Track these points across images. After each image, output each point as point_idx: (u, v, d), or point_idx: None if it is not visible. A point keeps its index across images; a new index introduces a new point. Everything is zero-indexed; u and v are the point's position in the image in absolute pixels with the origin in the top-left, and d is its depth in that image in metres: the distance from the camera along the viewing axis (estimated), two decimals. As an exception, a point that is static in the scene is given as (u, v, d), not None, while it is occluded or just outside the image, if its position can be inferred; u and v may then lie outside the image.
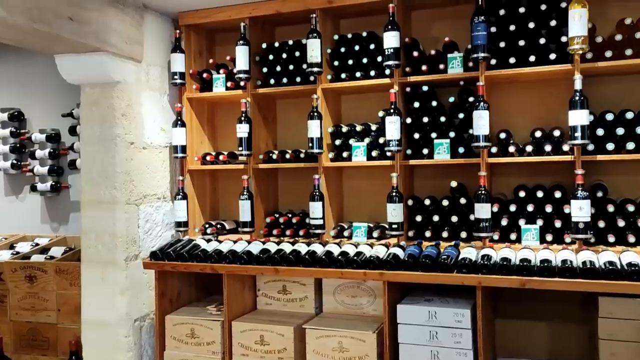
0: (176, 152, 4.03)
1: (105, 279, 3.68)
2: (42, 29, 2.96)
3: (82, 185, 3.76)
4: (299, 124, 4.17)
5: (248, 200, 3.86)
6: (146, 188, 3.90)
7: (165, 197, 4.12)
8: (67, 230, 5.08)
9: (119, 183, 3.68)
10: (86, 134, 3.74)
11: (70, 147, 4.92)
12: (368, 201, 4.01)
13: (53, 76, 5.03)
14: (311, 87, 3.77)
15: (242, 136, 3.86)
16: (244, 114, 3.87)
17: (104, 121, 3.68)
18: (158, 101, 4.07)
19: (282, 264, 3.42)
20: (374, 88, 3.78)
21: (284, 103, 4.30)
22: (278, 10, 3.82)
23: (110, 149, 3.67)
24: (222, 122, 4.48)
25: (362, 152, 3.65)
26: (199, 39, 4.30)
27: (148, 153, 3.94)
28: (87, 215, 3.74)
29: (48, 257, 4.44)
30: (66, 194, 5.09)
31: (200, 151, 4.25)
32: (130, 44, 3.71)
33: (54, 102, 5.12)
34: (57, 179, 5.05)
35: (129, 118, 3.73)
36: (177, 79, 4.03)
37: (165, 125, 4.12)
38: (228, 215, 4.44)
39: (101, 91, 3.68)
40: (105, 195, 3.69)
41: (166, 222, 4.12)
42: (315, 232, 3.67)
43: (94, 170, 3.70)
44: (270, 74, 3.93)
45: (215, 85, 4.07)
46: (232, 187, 4.39)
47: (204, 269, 3.61)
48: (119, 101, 3.67)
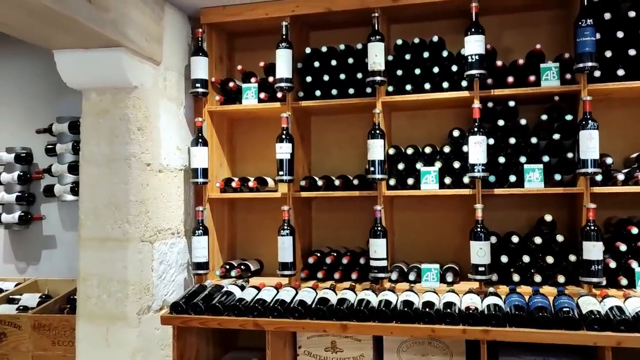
0: (196, 176, 3.27)
1: (112, 338, 2.84)
2: (57, 9, 2.20)
3: (81, 219, 2.93)
4: (336, 144, 3.57)
5: (290, 236, 3.14)
6: (161, 221, 3.12)
7: (179, 231, 3.33)
8: (37, 272, 4.14)
9: (132, 215, 2.88)
10: (89, 152, 2.93)
11: (46, 169, 4.03)
12: (425, 237, 3.40)
13: (24, 84, 4.22)
14: (369, 100, 3.15)
15: (284, 158, 3.16)
16: (285, 131, 3.19)
17: (114, 136, 2.89)
18: (175, 114, 3.31)
19: (350, 318, 2.72)
20: (439, 103, 3.22)
21: (319, 120, 3.64)
22: (329, 7, 3.20)
23: (122, 172, 2.88)
24: (243, 141, 3.76)
25: (434, 179, 3.04)
26: (220, 42, 3.60)
27: (164, 177, 3.16)
28: (88, 257, 2.91)
29: (20, 308, 3.51)
30: (37, 227, 4.17)
31: (218, 176, 3.51)
32: (149, 41, 2.97)
33: (24, 115, 4.23)
34: (28, 208, 4.12)
35: (145, 133, 2.97)
36: (199, 88, 3.30)
37: (181, 144, 3.37)
38: (246, 253, 3.70)
39: (112, 98, 2.91)
40: (115, 230, 2.88)
41: (180, 263, 3.33)
42: (377, 275, 3.01)
43: (100, 199, 2.89)
44: (315, 84, 3.27)
45: (245, 96, 3.37)
46: (253, 219, 3.69)
47: (244, 325, 2.84)
48: (135, 111, 2.90)
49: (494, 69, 3.03)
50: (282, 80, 3.17)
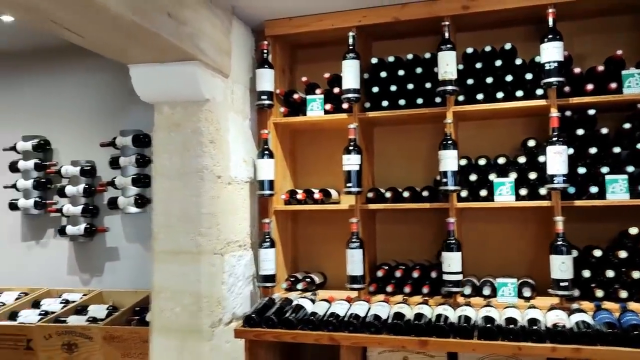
0: (262, 188, 3.26)
1: (186, 352, 2.84)
2: (142, 23, 2.22)
3: (154, 231, 2.95)
4: (400, 155, 3.52)
5: (359, 249, 3.09)
6: (229, 233, 3.11)
7: (245, 244, 3.32)
8: (101, 284, 4.19)
9: (204, 228, 2.88)
10: (161, 165, 2.95)
11: (110, 182, 4.08)
12: (495, 250, 3.30)
13: (86, 100, 4.31)
14: (438, 110, 3.09)
15: (352, 169, 3.12)
16: (352, 143, 3.15)
17: (186, 150, 2.90)
18: (241, 126, 3.32)
19: (429, 333, 2.65)
20: (509, 113, 3.13)
21: (382, 131, 3.59)
22: (396, 17, 3.16)
23: (194, 185, 2.89)
24: (304, 153, 3.74)
25: (509, 190, 2.95)
26: (283, 54, 3.59)
27: (232, 189, 3.16)
28: (162, 269, 2.91)
29: (90, 320, 3.55)
30: (101, 239, 4.22)
31: (282, 188, 3.49)
32: (220, 54, 2.98)
33: (87, 130, 4.30)
34: (92, 220, 4.18)
35: (217, 146, 2.97)
36: (265, 100, 3.30)
37: (246, 156, 3.36)
38: (309, 266, 3.67)
39: (184, 112, 2.92)
40: (187, 243, 2.88)
41: (246, 276, 3.32)
42: (451, 290, 2.92)
43: (173, 211, 2.90)
44: (382, 95, 3.22)
45: (310, 107, 3.35)
46: (315, 231, 3.66)
47: (319, 340, 2.80)
48: (207, 125, 2.91)
49: (571, 76, 2.93)
50: (350, 91, 3.14)
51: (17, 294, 4.09)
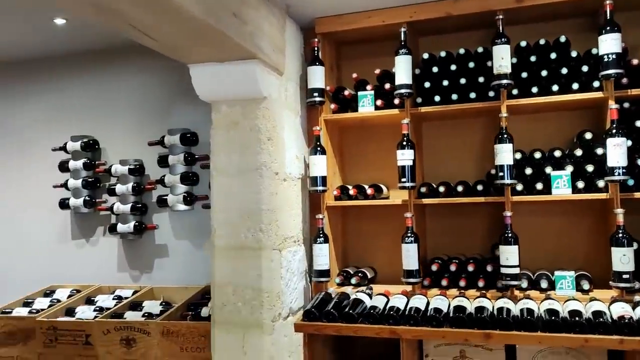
0: (315, 184, 3.29)
1: (248, 345, 2.89)
2: (211, 22, 2.26)
3: (214, 228, 3.00)
4: (449, 150, 3.53)
5: (414, 243, 3.12)
6: (286, 229, 3.15)
7: (299, 239, 3.36)
8: (150, 280, 4.26)
9: (265, 224, 2.93)
10: (220, 163, 3.00)
11: (159, 180, 4.15)
12: (548, 243, 3.30)
13: (134, 100, 4.38)
14: (492, 104, 3.10)
15: (406, 164, 3.14)
16: (406, 138, 3.17)
17: (245, 147, 2.95)
18: (293, 123, 3.35)
19: (493, 326, 2.66)
20: (563, 105, 3.12)
21: (431, 126, 3.60)
22: (449, 12, 3.17)
23: (253, 182, 2.93)
24: (351, 149, 3.76)
25: (565, 183, 2.95)
26: (331, 52, 3.62)
27: (287, 186, 3.20)
28: (223, 265, 2.96)
29: (146, 315, 3.62)
30: (150, 236, 4.30)
31: (333, 184, 3.52)
32: (276, 52, 3.02)
33: (134, 129, 4.38)
34: (141, 218, 4.26)
35: (274, 143, 3.01)
36: (317, 97, 3.33)
37: (298, 153, 3.40)
38: (358, 260, 3.70)
39: (242, 110, 2.97)
40: (248, 239, 2.93)
41: (300, 271, 3.36)
42: (509, 283, 2.93)
43: (233, 208, 2.95)
44: (434, 90, 3.24)
45: (361, 104, 3.38)
46: (364, 226, 3.69)
47: (380, 333, 2.83)
48: (264, 122, 2.95)
49: (629, 67, 2.92)
50: (403, 87, 3.16)
51: (70, 291, 4.19)
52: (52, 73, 4.60)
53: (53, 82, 4.59)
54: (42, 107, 4.62)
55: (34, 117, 4.63)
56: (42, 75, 4.62)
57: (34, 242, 4.55)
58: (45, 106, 4.61)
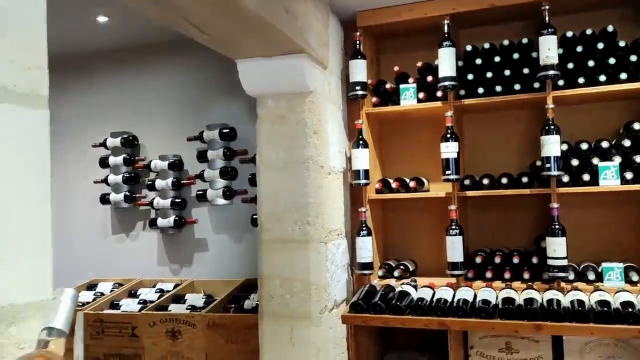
0: (358, 177, 3.31)
1: (296, 337, 2.92)
2: (267, 17, 2.29)
3: (261, 221, 3.03)
4: (490, 142, 3.52)
5: (459, 235, 3.12)
6: (330, 222, 3.18)
7: (342, 232, 3.39)
8: (190, 274, 4.33)
9: (312, 217, 2.95)
10: (267, 157, 3.03)
11: (198, 175, 4.21)
12: (591, 234, 3.28)
13: (172, 96, 4.44)
14: (537, 95, 3.08)
15: (450, 157, 3.15)
16: (450, 130, 3.17)
17: (292, 141, 2.98)
18: (336, 117, 3.37)
19: (543, 318, 2.66)
20: (610, 96, 3.10)
21: (472, 119, 3.59)
22: (492, 3, 3.15)
23: (300, 175, 2.96)
24: (391, 142, 3.77)
25: (614, 174, 2.93)
26: (371, 45, 3.63)
27: (331, 179, 3.22)
28: (270, 258, 3.00)
29: (189, 308, 3.68)
30: (189, 230, 4.36)
31: (373, 177, 3.53)
32: (321, 46, 3.04)
33: (173, 125, 4.43)
34: (180, 212, 4.32)
35: (320, 137, 3.04)
36: (359, 90, 3.35)
37: (340, 146, 3.42)
38: (397, 253, 3.71)
39: (288, 104, 2.99)
40: (296, 232, 2.96)
41: (343, 264, 3.38)
42: (556, 275, 2.92)
43: (280, 201, 2.98)
44: (477, 82, 3.23)
45: (403, 96, 3.38)
46: (403, 220, 3.69)
47: (428, 325, 2.85)
48: (310, 116, 2.98)
49: (677, 56, 2.89)
50: (446, 79, 3.16)
51: (112, 285, 4.27)
52: (92, 70, 4.68)
53: (94, 79, 4.67)
54: (83, 103, 4.70)
55: (75, 113, 4.71)
56: (83, 72, 4.70)
57: (76, 236, 4.64)
58: (85, 102, 4.69)
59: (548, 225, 2.97)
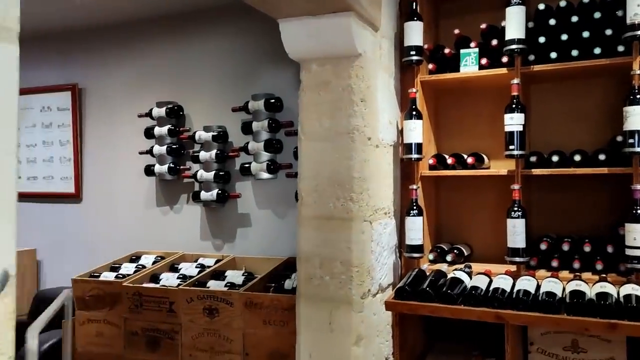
0: (410, 151, 3.01)
1: (335, 322, 2.69)
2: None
3: (302, 196, 2.80)
4: (559, 116, 3.15)
5: (522, 219, 2.78)
6: (377, 200, 2.90)
7: (389, 211, 3.11)
8: (232, 249, 4.18)
9: (356, 193, 2.69)
10: (309, 126, 2.79)
11: (242, 147, 4.02)
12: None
13: (217, 65, 4.26)
14: (621, 60, 2.67)
15: (515, 129, 2.80)
16: (515, 100, 2.81)
17: (337, 109, 2.71)
18: (387, 85, 3.08)
19: (620, 316, 2.31)
20: None
21: (540, 89, 3.20)
22: (571, -45, 2.75)
23: (345, 147, 2.70)
24: (447, 114, 3.44)
25: None
26: (429, 7, 3.29)
27: (379, 153, 2.94)
28: (310, 236, 2.77)
29: (228, 285, 3.53)
30: (232, 205, 4.20)
31: (427, 152, 3.22)
32: (372, 4, 2.74)
33: (218, 95, 4.26)
34: (224, 186, 4.16)
35: (368, 105, 2.75)
36: (414, 56, 3.03)
37: (392, 117, 3.12)
38: (452, 236, 3.40)
39: (333, 69, 2.73)
40: (337, 209, 2.71)
41: (390, 245, 3.11)
42: (635, 266, 2.54)
43: (322, 175, 2.74)
44: (550, 45, 2.84)
45: (463, 62, 3.04)
46: (459, 199, 3.38)
47: (483, 317, 2.55)
48: (358, 82, 2.70)
49: None
50: (514, 42, 2.80)
51: (154, 257, 4.18)
52: (137, 38, 4.56)
53: (139, 47, 4.56)
54: (129, 72, 4.61)
55: (121, 81, 4.63)
56: (128, 40, 4.60)
57: (121, 207, 4.59)
58: (131, 71, 4.60)
59: (628, 209, 2.59)
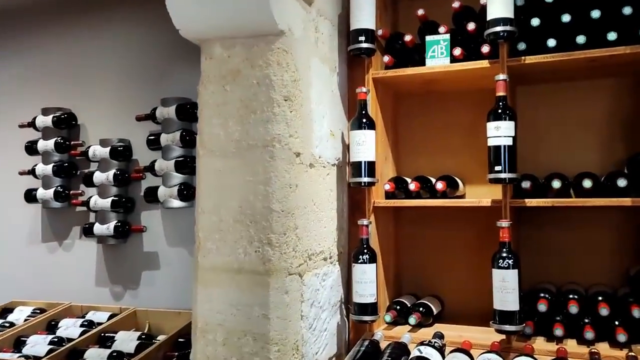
0: (358, 173, 2.18)
1: None
2: None
3: (198, 237, 1.92)
4: (555, 126, 2.43)
5: (513, 269, 1.97)
6: (312, 241, 2.05)
7: (331, 255, 2.26)
8: (135, 299, 3.26)
9: (276, 234, 1.83)
10: (210, 137, 1.93)
11: (148, 167, 3.13)
12: None
13: (119, 63, 3.38)
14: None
15: (502, 143, 2.00)
16: (502, 103, 2.03)
17: (250, 111, 1.86)
18: (327, 81, 2.25)
19: None
20: None
21: (528, 92, 2.44)
22: None
23: (261, 166, 1.84)
24: (410, 125, 2.65)
25: None
26: (384, -17, 2.50)
27: (315, 175, 2.10)
28: (209, 296, 1.88)
29: (114, 355, 2.58)
30: (136, 241, 3.28)
31: (383, 174, 2.41)
32: (300, -37, 1.92)
33: (119, 101, 3.38)
34: (125, 217, 3.24)
35: (294, 105, 1.91)
36: (363, 43, 2.22)
37: (334, 126, 2.30)
38: (416, 286, 2.59)
39: (246, 52, 1.88)
40: (250, 257, 1.84)
41: (333, 302, 2.25)
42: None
43: (227, 207, 1.87)
44: (545, 30, 2.08)
45: (430, 53, 2.25)
46: (423, 236, 2.62)
47: None
48: (280, 72, 1.86)
49: None
50: (499, 24, 2.02)
51: (32, 310, 3.21)
52: (19, 29, 3.67)
53: (21, 41, 3.64)
54: (7, 71, 3.70)
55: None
56: (8, 31, 3.68)
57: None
58: (10, 70, 3.67)
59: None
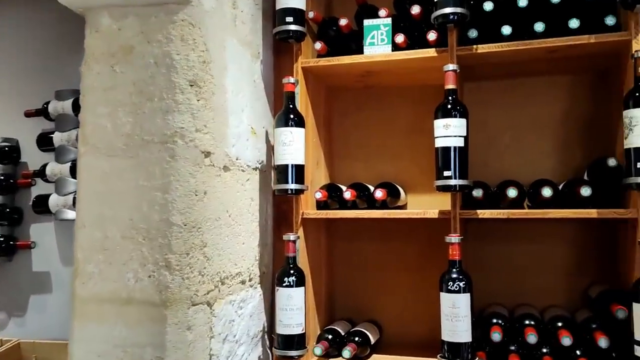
0: (285, 179, 1.83)
1: None
2: None
3: (77, 259, 1.50)
4: (508, 129, 2.20)
5: (465, 293, 1.68)
6: (226, 262, 1.67)
7: (251, 277, 1.89)
8: (21, 328, 2.76)
9: (177, 253, 1.44)
10: (94, 130, 1.52)
11: (38, 171, 2.65)
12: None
13: (3, 49, 2.89)
14: (613, 37, 1.72)
15: (452, 145, 1.72)
16: (451, 98, 1.74)
17: (145, 98, 1.48)
18: (248, 69, 1.89)
19: None
20: None
21: (476, 89, 2.17)
22: None
23: (158, 167, 1.45)
24: (345, 124, 2.33)
25: None
26: (317, -41, 2.18)
27: (231, 181, 1.72)
28: (89, 334, 1.46)
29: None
30: (24, 259, 2.79)
31: (315, 180, 2.07)
32: None
33: (4, 93, 2.89)
34: (11, 231, 2.74)
35: (203, 92, 1.53)
36: (292, 25, 1.87)
37: (256, 123, 1.94)
38: (351, 311, 2.27)
39: (141, 24, 1.49)
40: (142, 284, 1.44)
41: (253, 333, 1.88)
42: (653, 375, 1.51)
43: (114, 220, 1.47)
44: (502, 16, 1.82)
45: (369, 40, 1.94)
46: (358, 254, 2.31)
47: None
48: (184, 49, 1.48)
49: None
50: (448, 3, 1.73)
51: None
52: None
53: None
54: None
55: None
56: None
57: None
58: None
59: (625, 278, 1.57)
